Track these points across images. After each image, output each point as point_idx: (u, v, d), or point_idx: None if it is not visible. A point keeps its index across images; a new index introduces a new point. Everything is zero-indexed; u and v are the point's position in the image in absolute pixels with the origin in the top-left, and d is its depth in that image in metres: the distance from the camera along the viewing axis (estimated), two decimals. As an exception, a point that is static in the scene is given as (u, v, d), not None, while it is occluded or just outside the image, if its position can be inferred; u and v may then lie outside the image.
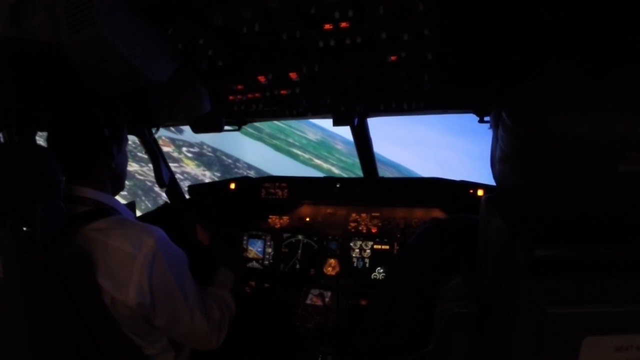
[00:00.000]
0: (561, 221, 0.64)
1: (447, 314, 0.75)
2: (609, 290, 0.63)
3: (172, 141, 14.88)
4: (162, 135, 14.02)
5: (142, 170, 11.74)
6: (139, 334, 1.32)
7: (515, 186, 0.67)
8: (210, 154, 16.43)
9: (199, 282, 1.44)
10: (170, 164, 2.52)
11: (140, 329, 1.32)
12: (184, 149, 15.41)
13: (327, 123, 2.17)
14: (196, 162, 15.36)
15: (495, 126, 1.06)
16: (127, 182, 1.61)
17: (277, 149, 20.56)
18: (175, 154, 14.75)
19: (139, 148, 2.41)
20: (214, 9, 1.25)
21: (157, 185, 2.42)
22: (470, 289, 0.77)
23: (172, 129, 14.41)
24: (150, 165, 2.34)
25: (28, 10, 1.21)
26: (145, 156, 2.34)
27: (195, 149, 15.89)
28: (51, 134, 1.39)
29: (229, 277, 1.66)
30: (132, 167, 11.45)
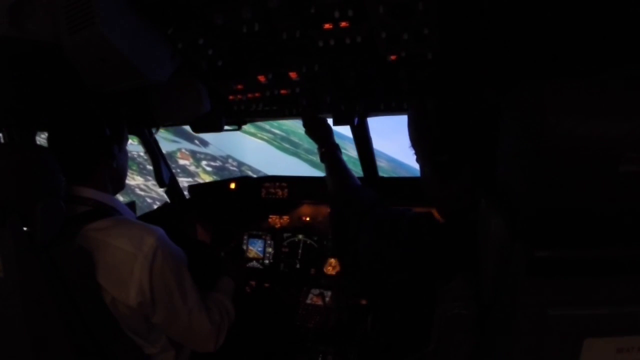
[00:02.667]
0: (561, 221, 0.64)
1: (447, 315, 0.75)
2: (609, 292, 0.63)
3: (193, 154, 13.86)
4: (183, 147, 13.14)
5: (145, 185, 10.46)
6: (139, 333, 1.32)
7: (515, 186, 0.67)
8: (235, 169, 15.20)
9: (200, 282, 1.44)
10: (184, 179, 2.51)
11: (140, 328, 1.32)
12: (204, 162, 14.27)
13: (373, 140, 2.13)
14: (214, 177, 14.17)
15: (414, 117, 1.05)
16: (122, 199, 1.60)
17: (314, 165, 19.11)
18: (192, 168, 13.53)
19: (150, 161, 2.37)
20: (214, 8, 1.25)
21: (157, 204, 2.40)
22: (469, 289, 0.76)
23: (196, 141, 13.59)
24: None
25: (28, 10, 1.21)
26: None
27: (217, 163, 14.64)
28: (52, 134, 1.39)
29: (230, 284, 1.67)
30: (134, 180, 10.33)
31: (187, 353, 1.51)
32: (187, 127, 2.12)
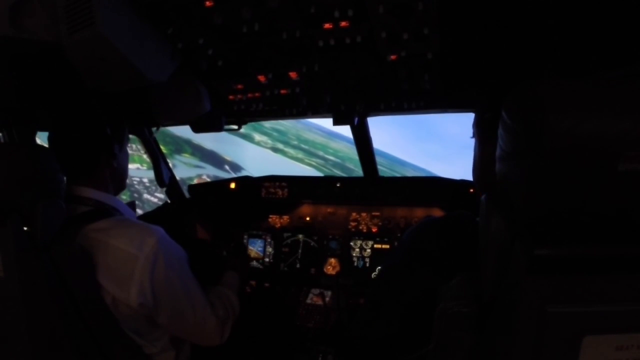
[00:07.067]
0: (561, 220, 0.64)
1: (447, 313, 0.75)
2: (609, 289, 0.63)
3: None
4: (206, 173, 12.00)
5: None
6: (139, 333, 1.32)
7: (515, 185, 0.67)
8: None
9: (201, 279, 1.45)
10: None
11: (141, 328, 1.32)
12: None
13: (431, 165, 2.09)
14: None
15: (478, 132, 1.06)
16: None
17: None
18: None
19: (154, 187, 2.35)
20: (214, 8, 1.25)
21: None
22: (470, 288, 0.77)
23: (226, 166, 12.85)
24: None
25: (28, 10, 1.21)
26: (157, 197, 2.32)
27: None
28: (53, 134, 1.39)
29: (235, 278, 1.68)
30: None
31: (187, 353, 1.51)
32: (219, 152, 2.13)
